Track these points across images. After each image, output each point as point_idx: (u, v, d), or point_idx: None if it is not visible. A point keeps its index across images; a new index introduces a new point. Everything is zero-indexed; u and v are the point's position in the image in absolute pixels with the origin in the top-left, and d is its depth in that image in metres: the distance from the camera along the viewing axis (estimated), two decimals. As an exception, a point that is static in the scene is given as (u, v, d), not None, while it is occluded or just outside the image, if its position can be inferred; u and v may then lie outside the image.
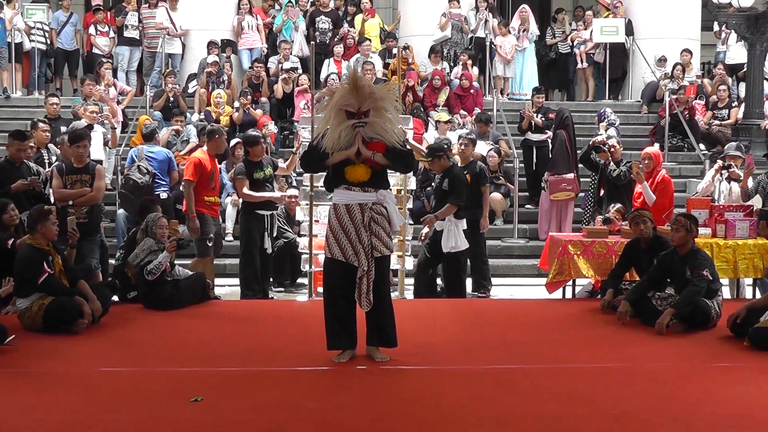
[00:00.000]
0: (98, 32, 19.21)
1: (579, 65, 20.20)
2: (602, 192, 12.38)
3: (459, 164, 12.04)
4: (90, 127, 13.47)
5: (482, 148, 14.66)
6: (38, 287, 8.53)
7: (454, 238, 10.85)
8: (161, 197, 12.99)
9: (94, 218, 10.48)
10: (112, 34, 19.32)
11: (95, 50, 19.19)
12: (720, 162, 11.99)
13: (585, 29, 20.07)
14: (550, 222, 14.33)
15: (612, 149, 12.26)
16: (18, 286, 8.75)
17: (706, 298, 8.76)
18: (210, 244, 11.07)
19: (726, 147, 12.94)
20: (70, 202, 10.18)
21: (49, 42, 19.38)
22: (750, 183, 11.51)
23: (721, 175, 11.80)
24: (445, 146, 11.68)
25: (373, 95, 7.42)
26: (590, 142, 12.80)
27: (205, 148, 11.33)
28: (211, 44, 18.32)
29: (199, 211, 10.85)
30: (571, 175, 14.20)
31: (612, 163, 12.14)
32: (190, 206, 10.80)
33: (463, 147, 12.09)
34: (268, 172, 11.25)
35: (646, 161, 11.38)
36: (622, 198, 11.83)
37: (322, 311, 7.62)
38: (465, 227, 11.17)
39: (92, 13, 19.59)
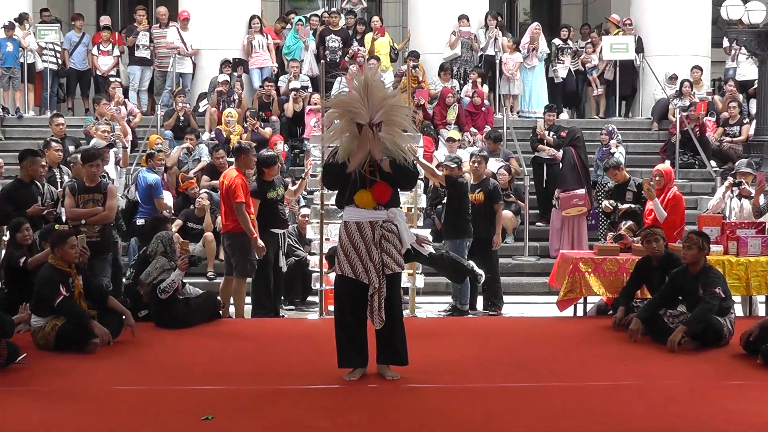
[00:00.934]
0: (100, 51, 19.30)
1: (594, 92, 20.16)
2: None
3: (471, 182, 12.09)
4: (111, 145, 13.42)
5: (493, 165, 14.66)
6: (54, 309, 8.57)
7: None
8: (137, 224, 12.68)
9: (105, 237, 10.49)
10: (116, 53, 19.39)
11: (98, 71, 19.31)
12: (731, 179, 11.97)
13: (593, 52, 20.05)
14: (562, 239, 14.31)
15: (616, 173, 12.20)
16: (35, 304, 8.77)
17: (718, 315, 8.73)
18: (255, 265, 10.93)
19: (737, 164, 12.91)
20: (83, 221, 10.19)
21: (61, 62, 19.45)
22: (762, 200, 11.48)
23: (732, 192, 11.79)
24: (456, 164, 11.76)
25: (385, 101, 7.36)
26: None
27: (234, 166, 11.26)
28: (224, 63, 18.40)
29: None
30: (581, 191, 14.20)
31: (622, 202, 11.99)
32: (248, 228, 10.57)
33: (476, 165, 12.13)
34: (281, 192, 11.27)
35: (657, 178, 11.35)
36: (635, 215, 11.79)
37: (333, 329, 7.62)
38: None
39: (99, 33, 19.67)
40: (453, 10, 19.54)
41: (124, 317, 9.14)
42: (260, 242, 10.65)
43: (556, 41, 20.01)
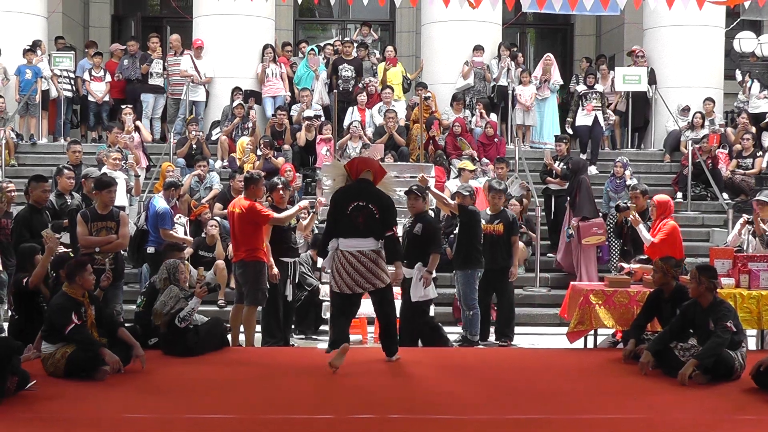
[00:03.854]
0: (92, 77, 19.35)
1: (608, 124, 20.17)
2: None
3: (489, 212, 12.09)
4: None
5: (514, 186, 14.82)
6: (65, 337, 8.57)
7: (422, 287, 10.76)
8: (147, 251, 12.62)
9: (118, 265, 10.51)
10: (108, 79, 19.41)
11: (90, 98, 19.33)
12: (745, 216, 11.97)
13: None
14: (575, 266, 14.23)
15: (635, 199, 12.21)
16: (47, 331, 8.79)
17: (729, 349, 8.69)
18: (266, 294, 10.86)
19: (758, 195, 12.85)
20: (96, 249, 10.20)
21: (75, 90, 19.54)
22: (769, 230, 11.46)
23: (748, 228, 11.76)
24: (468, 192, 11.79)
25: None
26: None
27: (243, 195, 11.23)
28: (235, 90, 18.48)
29: (259, 258, 10.72)
30: (600, 220, 14.18)
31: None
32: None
33: (495, 199, 12.12)
34: (293, 222, 11.30)
35: (652, 208, 11.48)
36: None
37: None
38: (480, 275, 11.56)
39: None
40: (466, 41, 19.60)
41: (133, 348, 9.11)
42: (275, 269, 10.76)
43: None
